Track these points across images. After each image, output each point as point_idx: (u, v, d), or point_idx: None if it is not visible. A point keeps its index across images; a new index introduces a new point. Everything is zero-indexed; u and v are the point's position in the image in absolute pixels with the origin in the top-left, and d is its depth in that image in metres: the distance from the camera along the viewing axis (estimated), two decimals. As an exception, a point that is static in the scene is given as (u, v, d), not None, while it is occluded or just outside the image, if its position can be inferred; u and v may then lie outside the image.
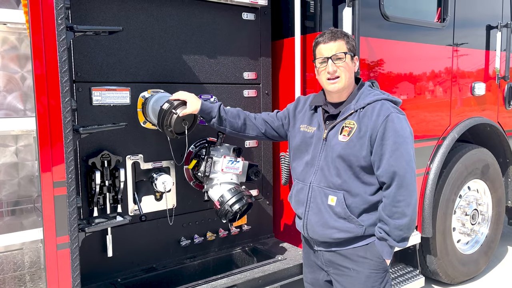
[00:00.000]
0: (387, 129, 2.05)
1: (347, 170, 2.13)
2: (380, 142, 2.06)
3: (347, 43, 2.19)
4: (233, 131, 2.54)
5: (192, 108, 2.44)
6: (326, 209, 2.18)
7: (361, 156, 2.10)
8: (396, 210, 2.06)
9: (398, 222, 2.06)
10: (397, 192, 2.05)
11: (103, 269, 2.64)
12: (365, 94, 2.19)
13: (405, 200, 2.05)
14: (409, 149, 2.08)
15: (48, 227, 2.12)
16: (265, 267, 2.86)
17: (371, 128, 2.08)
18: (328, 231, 2.18)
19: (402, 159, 2.05)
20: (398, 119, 2.08)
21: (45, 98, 2.05)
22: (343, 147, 2.13)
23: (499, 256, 4.81)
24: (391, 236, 2.09)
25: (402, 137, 2.06)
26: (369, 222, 2.16)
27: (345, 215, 2.15)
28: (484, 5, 4.15)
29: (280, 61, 3.27)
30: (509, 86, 4.41)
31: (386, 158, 2.06)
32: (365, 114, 2.12)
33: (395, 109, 2.13)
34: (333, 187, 2.17)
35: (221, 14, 2.95)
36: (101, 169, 2.53)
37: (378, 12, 3.29)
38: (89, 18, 2.48)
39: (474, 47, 4.09)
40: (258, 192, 3.24)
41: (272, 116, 2.59)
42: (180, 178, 2.88)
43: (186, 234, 2.95)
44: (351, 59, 2.19)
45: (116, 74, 2.60)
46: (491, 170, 4.28)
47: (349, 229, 2.16)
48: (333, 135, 2.19)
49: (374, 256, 2.17)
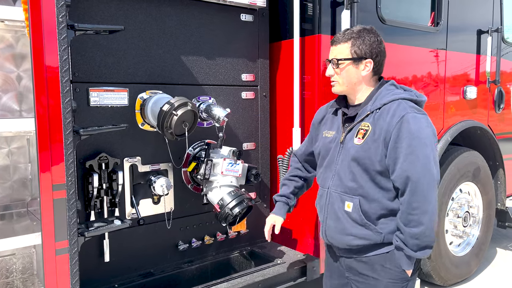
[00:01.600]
0: (402, 130, 1.94)
1: (362, 174, 2.05)
2: (394, 145, 1.96)
3: (353, 46, 2.08)
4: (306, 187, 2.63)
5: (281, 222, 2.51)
6: (343, 215, 2.11)
7: (376, 160, 2.01)
8: (411, 218, 1.94)
9: (414, 230, 1.94)
10: (411, 198, 1.94)
11: (99, 274, 2.57)
12: (383, 94, 2.10)
13: (420, 208, 1.92)
14: (427, 152, 1.94)
15: (46, 232, 2.04)
16: (264, 271, 2.83)
17: (385, 130, 1.98)
18: (345, 238, 2.12)
19: (417, 163, 1.92)
20: (415, 119, 1.96)
21: (44, 98, 1.99)
22: (357, 150, 2.05)
23: (489, 258, 4.87)
24: (408, 245, 1.97)
25: (418, 139, 1.94)
26: (388, 229, 2.06)
27: (362, 222, 2.06)
28: (476, 10, 4.22)
29: (278, 63, 3.25)
30: (499, 90, 4.49)
31: (400, 162, 1.95)
32: (380, 116, 2.03)
33: (413, 108, 2.00)
34: (349, 192, 2.08)
35: (220, 15, 2.93)
36: (98, 171, 2.47)
37: (375, 15, 3.31)
38: (87, 17, 2.42)
39: (466, 51, 4.15)
40: (256, 195, 3.22)
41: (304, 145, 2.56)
42: (178, 181, 2.83)
43: (183, 238, 2.90)
44: (353, 63, 2.09)
45: (114, 74, 2.55)
46: (482, 172, 4.33)
47: (366, 236, 2.07)
48: (349, 138, 2.11)
49: (393, 266, 2.07)
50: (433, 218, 1.96)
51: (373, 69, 2.11)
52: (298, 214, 3.23)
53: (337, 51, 2.12)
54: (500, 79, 4.40)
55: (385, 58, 2.16)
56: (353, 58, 2.09)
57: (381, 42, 2.13)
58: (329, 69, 2.15)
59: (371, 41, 2.09)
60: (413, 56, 3.67)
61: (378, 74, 2.17)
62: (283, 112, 3.24)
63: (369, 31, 2.11)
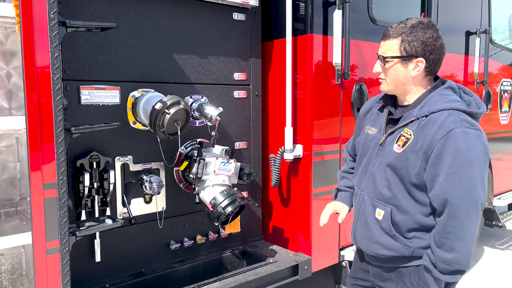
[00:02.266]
0: (446, 146, 1.72)
1: (398, 183, 1.88)
2: (435, 161, 1.75)
3: (403, 42, 1.85)
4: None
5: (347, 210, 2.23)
6: (373, 222, 1.98)
7: (413, 173, 1.82)
8: (445, 241, 1.78)
9: (446, 255, 1.77)
10: (447, 222, 1.76)
11: (90, 274, 2.54)
12: (434, 100, 1.85)
13: (455, 234, 1.75)
14: (474, 174, 1.72)
15: (37, 231, 2.01)
16: (257, 270, 2.83)
17: (428, 143, 1.77)
18: (373, 246, 1.99)
19: (460, 185, 1.72)
20: (465, 135, 1.72)
21: (35, 96, 1.96)
22: (396, 158, 1.87)
23: (477, 256, 4.95)
24: (437, 268, 1.81)
25: (464, 158, 1.71)
26: (419, 244, 1.90)
27: (391, 233, 1.92)
28: (465, 12, 4.28)
29: (270, 62, 3.25)
30: (486, 91, 4.57)
31: (439, 181, 1.75)
32: (426, 125, 1.80)
33: (465, 122, 1.75)
34: (382, 199, 1.93)
35: (212, 13, 2.92)
36: (89, 170, 2.44)
37: (367, 15, 3.33)
38: (78, 14, 2.39)
39: (455, 52, 4.21)
40: (248, 194, 3.21)
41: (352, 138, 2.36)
42: (169, 180, 2.81)
43: (175, 237, 2.88)
44: (402, 62, 1.87)
45: (105, 72, 2.52)
46: (470, 172, 4.39)
47: (394, 248, 1.93)
48: (389, 141, 1.93)
49: (421, 281, 1.91)
50: (470, 247, 1.78)
51: (425, 68, 1.87)
52: (290, 213, 3.24)
53: (386, 47, 1.91)
54: (488, 80, 4.47)
55: (444, 55, 1.91)
56: (401, 56, 1.86)
57: (438, 38, 1.86)
58: (376, 65, 1.96)
59: (425, 37, 1.84)
60: (404, 56, 3.69)
61: (432, 74, 1.93)
62: (275, 111, 3.24)
63: (426, 25, 1.86)
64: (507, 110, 5.01)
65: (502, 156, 4.96)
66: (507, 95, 4.99)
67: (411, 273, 1.95)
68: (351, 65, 3.19)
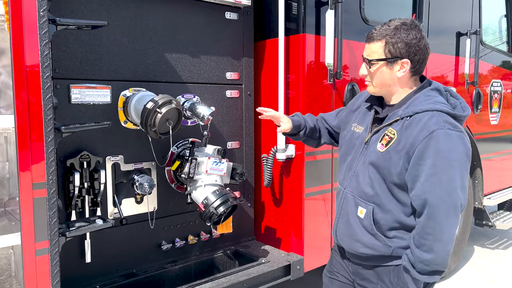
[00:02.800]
0: (428, 147, 1.73)
1: (380, 182, 1.89)
2: (417, 161, 1.75)
3: (387, 45, 1.85)
4: (311, 139, 2.42)
5: (286, 126, 2.32)
6: (355, 220, 1.98)
7: (395, 173, 1.83)
8: (424, 242, 1.78)
9: (423, 256, 1.78)
10: (426, 223, 1.77)
11: (80, 275, 2.51)
12: (419, 100, 1.86)
13: (434, 235, 1.76)
14: (454, 176, 1.73)
15: (26, 232, 1.98)
16: (249, 270, 2.82)
17: (411, 143, 1.77)
18: (354, 244, 2.00)
19: (440, 187, 1.73)
20: (447, 137, 1.73)
21: (25, 95, 1.93)
22: (379, 157, 1.88)
23: (467, 256, 4.98)
24: (415, 268, 1.82)
25: (446, 160, 1.72)
26: (399, 244, 1.91)
27: (372, 231, 1.93)
28: (455, 13, 4.31)
29: (263, 62, 3.24)
30: (476, 91, 4.60)
31: (420, 182, 1.76)
32: (410, 125, 1.81)
33: (447, 124, 1.76)
34: (365, 198, 1.94)
35: (204, 12, 2.90)
36: (80, 170, 2.41)
37: (359, 15, 3.33)
38: (68, 12, 2.36)
39: (446, 52, 4.23)
40: (240, 194, 3.20)
41: (331, 115, 2.40)
42: (161, 180, 2.79)
43: (167, 237, 2.86)
44: (387, 64, 1.88)
45: (96, 71, 2.49)
46: (460, 172, 4.42)
47: (375, 247, 1.93)
48: (374, 140, 1.94)
49: (400, 281, 1.92)
50: (448, 248, 1.79)
51: (410, 69, 1.87)
52: (283, 213, 3.23)
53: (370, 49, 1.91)
54: (478, 80, 4.50)
55: (428, 55, 1.90)
56: (386, 59, 1.87)
57: (422, 39, 1.85)
58: (362, 68, 1.97)
59: (409, 38, 1.83)
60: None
61: (418, 74, 1.93)
62: (267, 111, 3.23)
63: (409, 26, 1.85)
64: (497, 110, 5.05)
65: (492, 156, 5.01)
66: (497, 95, 5.03)
67: (391, 273, 1.96)
68: (343, 65, 3.19)
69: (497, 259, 4.99)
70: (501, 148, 5.26)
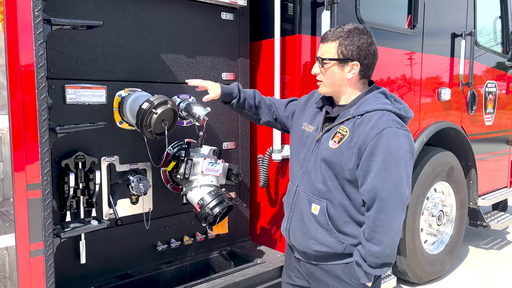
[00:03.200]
0: (379, 144, 1.83)
1: (332, 178, 1.97)
2: (368, 157, 1.85)
3: (340, 46, 1.95)
4: (249, 113, 2.45)
5: (214, 93, 2.38)
6: (309, 217, 2.04)
7: (347, 168, 1.92)
8: (373, 235, 1.87)
9: (374, 248, 1.87)
10: (376, 216, 1.86)
11: (75, 276, 2.51)
12: (369, 100, 1.97)
13: (383, 227, 1.85)
14: (401, 171, 1.84)
15: (20, 233, 1.97)
16: (244, 271, 2.82)
17: (362, 140, 1.87)
18: (308, 241, 2.05)
19: (389, 181, 1.83)
20: (395, 134, 1.85)
21: (19, 95, 1.92)
22: (331, 153, 1.96)
23: (462, 256, 5.00)
24: (367, 262, 1.91)
25: (394, 156, 1.84)
26: (351, 241, 1.99)
27: (327, 227, 1.99)
28: (451, 14, 4.33)
29: (258, 62, 3.24)
30: (471, 92, 4.62)
31: (371, 177, 1.85)
32: (361, 123, 1.91)
33: (396, 123, 1.88)
34: (318, 194, 2.01)
35: (200, 12, 2.90)
36: (75, 171, 2.40)
37: (354, 16, 3.34)
38: (63, 12, 2.35)
39: (441, 54, 4.25)
40: (236, 195, 3.20)
41: (282, 103, 2.43)
42: (156, 180, 2.78)
43: (162, 238, 2.85)
44: (339, 64, 1.97)
45: (91, 71, 2.49)
46: (455, 172, 4.44)
47: (328, 243, 2.00)
48: (325, 138, 2.02)
49: (352, 278, 2.00)
50: (396, 239, 1.90)
51: (359, 72, 1.98)
52: (278, 214, 3.23)
53: (324, 49, 2.01)
54: (473, 81, 4.52)
55: (376, 61, 2.03)
56: (338, 59, 1.97)
57: (372, 44, 1.98)
58: (315, 67, 2.06)
59: (361, 42, 1.95)
60: (390, 57, 3.73)
61: (366, 78, 2.05)
62: (263, 111, 3.23)
63: (361, 31, 1.98)
64: (492, 111, 5.08)
65: (487, 157, 5.03)
66: (492, 96, 5.06)
67: (342, 271, 2.03)
68: (339, 66, 3.19)
69: (491, 259, 5.01)
70: (495, 148, 5.28)
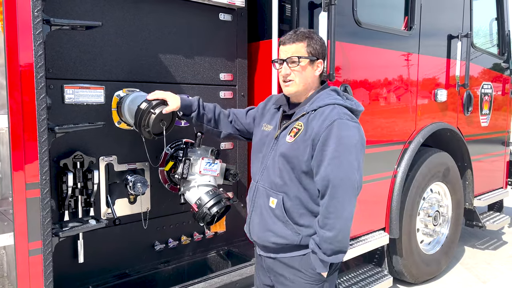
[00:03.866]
0: (330, 135, 1.95)
1: (289, 171, 2.06)
2: (322, 147, 1.96)
3: (309, 46, 2.09)
4: (209, 127, 2.50)
5: (174, 104, 2.38)
6: (267, 210, 2.12)
7: (303, 160, 2.02)
8: (327, 221, 1.96)
9: (327, 234, 1.95)
10: (329, 202, 1.95)
11: (73, 275, 2.52)
12: (322, 97, 2.10)
13: (336, 213, 1.94)
14: (351, 160, 1.96)
15: (19, 232, 1.98)
16: (242, 270, 2.84)
17: (316, 132, 1.99)
18: (266, 234, 2.12)
19: (340, 169, 1.94)
20: (345, 125, 1.97)
21: (18, 95, 1.93)
22: (287, 148, 2.06)
23: (458, 256, 5.03)
24: (321, 249, 1.98)
25: (345, 146, 1.95)
26: (307, 232, 2.07)
27: (284, 219, 2.07)
28: (447, 16, 4.35)
29: (256, 63, 3.26)
30: (467, 94, 4.65)
31: (324, 166, 1.95)
32: (314, 117, 2.03)
33: (346, 115, 2.02)
34: (275, 188, 2.10)
35: (198, 13, 2.91)
36: (73, 170, 2.41)
37: (351, 18, 3.36)
38: (62, 12, 2.36)
39: (437, 55, 4.28)
40: (233, 195, 3.21)
41: (242, 112, 2.53)
42: (154, 180, 2.80)
43: (160, 238, 2.87)
44: (310, 63, 2.10)
45: (90, 71, 2.50)
46: (451, 173, 4.48)
47: (285, 235, 2.08)
48: (283, 135, 2.13)
49: (308, 268, 2.07)
50: (348, 224, 1.97)
51: (321, 70, 2.14)
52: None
53: (294, 49, 2.08)
54: (469, 83, 4.55)
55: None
56: (310, 57, 2.09)
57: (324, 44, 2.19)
58: (285, 68, 2.10)
59: (321, 42, 2.14)
60: (387, 59, 3.75)
61: (321, 77, 2.21)
62: (260, 112, 3.24)
63: (315, 33, 2.16)
64: (487, 112, 5.11)
65: (483, 157, 5.07)
66: (488, 98, 5.10)
67: (299, 262, 2.09)
68: (336, 67, 3.22)
69: (487, 259, 5.05)
70: (491, 149, 5.32)
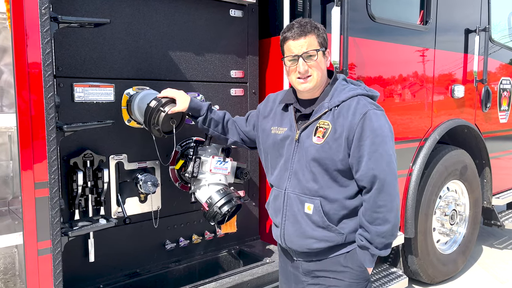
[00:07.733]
0: (365, 128, 1.88)
1: (323, 174, 1.96)
2: (358, 143, 1.89)
3: (318, 37, 1.98)
4: (216, 133, 2.44)
5: (182, 105, 2.35)
6: (303, 217, 2.01)
7: (337, 160, 1.93)
8: (377, 216, 1.90)
9: (380, 228, 1.90)
10: (377, 197, 1.89)
11: (84, 274, 2.51)
12: (339, 90, 2.01)
13: (387, 206, 1.90)
14: (388, 149, 1.92)
15: (28, 231, 1.97)
16: (253, 270, 2.80)
17: (348, 128, 1.91)
18: (306, 241, 2.02)
19: (382, 160, 1.89)
20: (376, 116, 1.91)
21: (26, 93, 1.92)
22: (318, 149, 1.95)
23: (475, 255, 4.92)
24: (373, 244, 1.93)
25: (380, 137, 1.89)
26: (349, 229, 2.00)
27: (324, 224, 1.98)
28: (464, 10, 4.24)
29: (267, 60, 3.21)
30: (485, 89, 4.53)
31: (365, 161, 1.89)
32: (340, 113, 1.94)
33: (373, 105, 1.95)
34: (309, 193, 1.99)
35: (208, 10, 2.87)
36: (83, 169, 2.40)
37: (365, 12, 3.29)
38: (72, 10, 2.35)
39: (454, 50, 4.17)
40: (245, 193, 3.18)
41: (242, 120, 2.45)
42: (165, 179, 2.77)
43: (171, 237, 2.84)
44: (323, 55, 2.01)
45: (99, 69, 2.48)
46: (468, 171, 4.37)
47: (328, 238, 2.00)
48: (306, 136, 2.00)
49: (355, 265, 2.01)
50: (398, 215, 1.95)
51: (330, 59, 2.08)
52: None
53: (308, 43, 1.96)
54: (487, 78, 4.43)
55: None
56: (322, 49, 2.00)
57: None
58: (302, 64, 1.96)
59: (324, 29, 2.04)
60: (402, 54, 3.66)
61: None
62: (272, 109, 3.19)
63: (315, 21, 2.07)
64: (506, 108, 4.98)
65: (501, 155, 4.94)
66: (506, 93, 4.96)
67: (345, 260, 2.03)
68: (350, 63, 3.15)
69: (505, 259, 4.92)
70: (510, 146, 5.18)
